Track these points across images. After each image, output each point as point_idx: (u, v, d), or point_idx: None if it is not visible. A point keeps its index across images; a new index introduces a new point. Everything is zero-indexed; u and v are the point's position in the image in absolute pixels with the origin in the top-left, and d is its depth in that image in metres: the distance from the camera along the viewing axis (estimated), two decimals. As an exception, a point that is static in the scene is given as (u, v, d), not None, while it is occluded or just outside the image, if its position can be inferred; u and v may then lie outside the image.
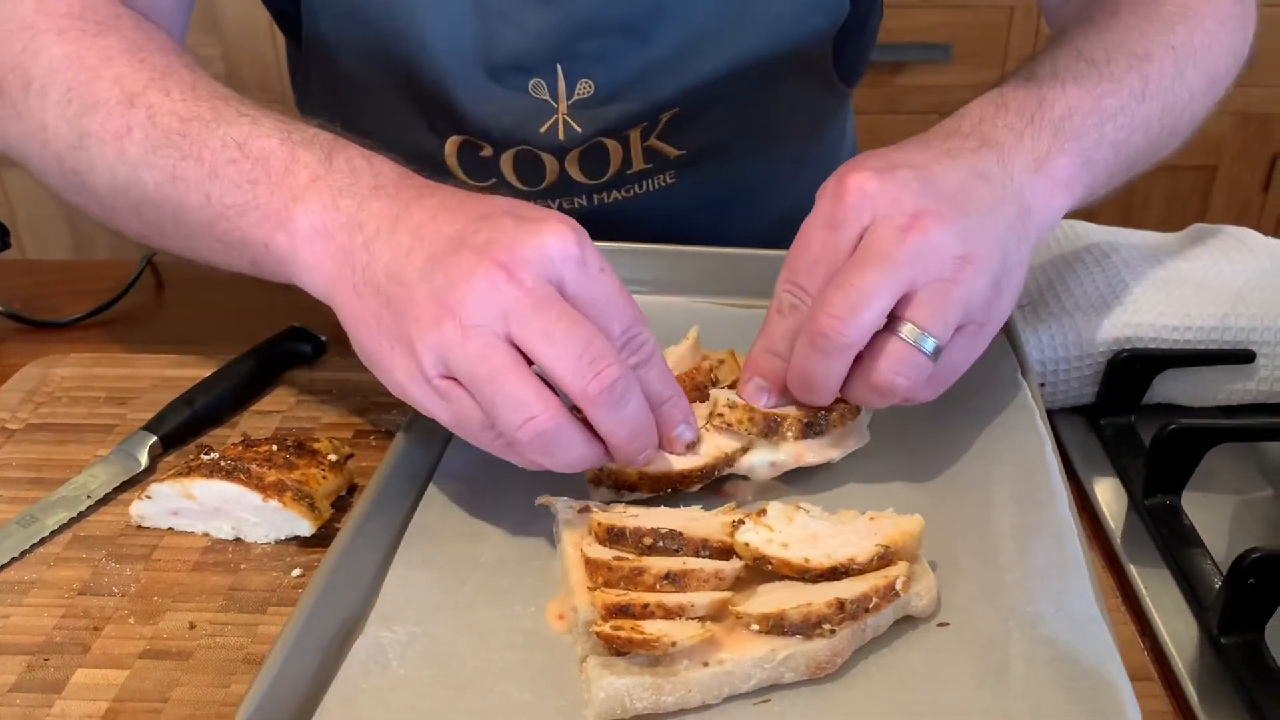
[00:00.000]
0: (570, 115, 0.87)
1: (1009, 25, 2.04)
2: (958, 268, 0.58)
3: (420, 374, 0.55)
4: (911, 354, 0.58)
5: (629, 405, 0.56)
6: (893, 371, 0.59)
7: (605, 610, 0.52)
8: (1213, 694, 0.56)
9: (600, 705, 0.50)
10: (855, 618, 0.53)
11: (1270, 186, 2.12)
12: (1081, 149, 0.67)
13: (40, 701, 0.56)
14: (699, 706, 0.52)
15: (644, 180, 0.93)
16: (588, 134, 0.88)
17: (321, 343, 0.83)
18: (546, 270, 0.55)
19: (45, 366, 0.83)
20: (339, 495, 0.68)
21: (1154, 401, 0.76)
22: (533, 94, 0.87)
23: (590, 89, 0.87)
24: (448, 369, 0.55)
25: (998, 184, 0.63)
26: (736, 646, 0.52)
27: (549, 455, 0.56)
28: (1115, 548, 0.66)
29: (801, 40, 0.90)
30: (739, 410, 0.63)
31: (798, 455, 0.63)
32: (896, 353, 0.58)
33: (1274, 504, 0.70)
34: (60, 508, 0.68)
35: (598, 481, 0.62)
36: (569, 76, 0.86)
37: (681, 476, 0.62)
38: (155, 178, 0.65)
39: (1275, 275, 0.77)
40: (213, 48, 2.16)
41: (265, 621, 0.61)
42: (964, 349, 0.61)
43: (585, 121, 0.88)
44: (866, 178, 0.60)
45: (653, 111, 0.89)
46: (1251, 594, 0.57)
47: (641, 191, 0.93)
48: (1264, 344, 0.75)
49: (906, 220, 0.58)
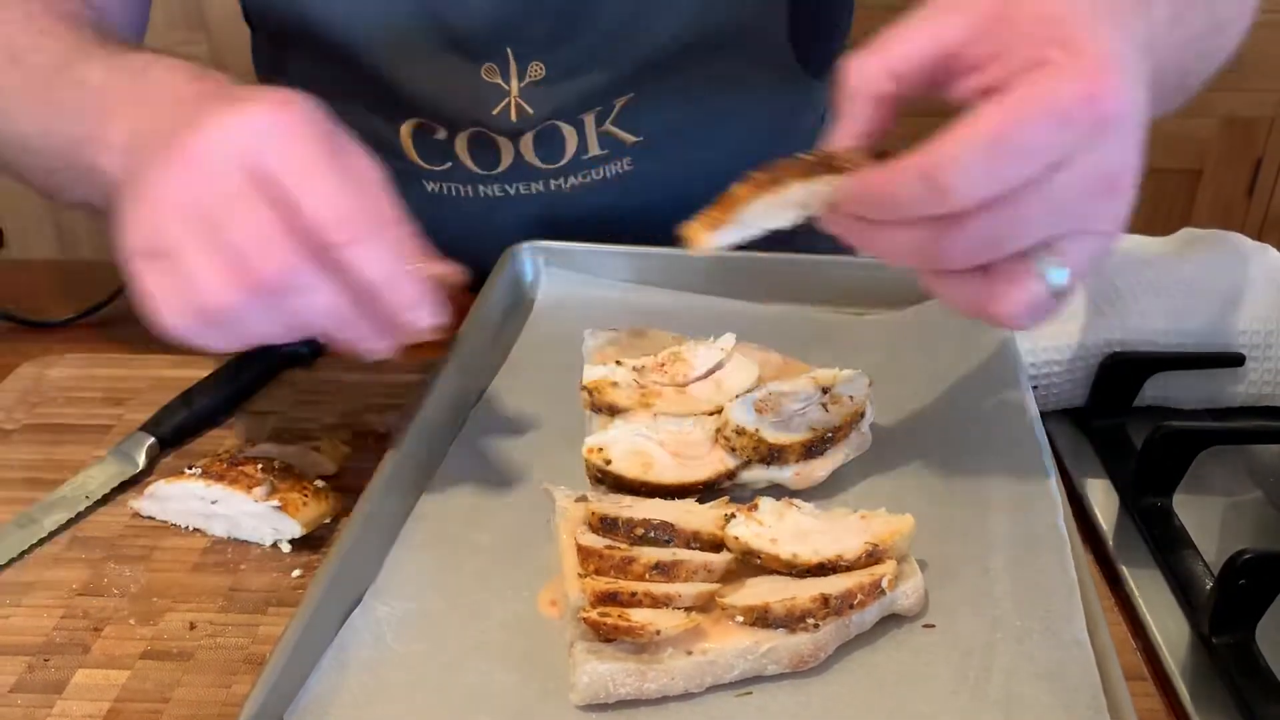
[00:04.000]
0: (522, 97, 0.88)
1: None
2: (1114, 182, 0.50)
3: (125, 253, 0.55)
4: (1042, 294, 0.51)
5: (306, 295, 0.54)
6: (1014, 302, 0.52)
7: (594, 597, 0.53)
8: (1204, 693, 0.57)
9: (583, 689, 0.52)
10: (839, 613, 0.54)
11: (1254, 190, 2.14)
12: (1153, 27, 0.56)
13: (41, 702, 0.56)
14: (681, 694, 0.53)
15: (601, 166, 0.93)
16: (540, 116, 0.89)
17: (319, 344, 0.83)
18: (232, 154, 0.53)
19: (40, 367, 0.83)
20: (322, 523, 0.67)
21: (1145, 404, 0.77)
22: (484, 77, 0.88)
23: (541, 71, 0.88)
24: (146, 245, 0.54)
25: None
26: (721, 637, 0.53)
27: (222, 330, 0.54)
28: (1107, 549, 0.67)
29: (743, 14, 0.90)
30: (746, 438, 0.63)
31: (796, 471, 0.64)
32: (1028, 290, 0.51)
33: (1264, 506, 0.71)
34: (59, 509, 0.68)
35: (599, 481, 0.63)
36: (519, 59, 0.87)
37: (682, 488, 0.63)
38: (26, 128, 0.68)
39: (1264, 279, 0.78)
40: (200, 45, 2.16)
41: (265, 622, 0.61)
42: (1082, 272, 0.52)
43: (537, 103, 0.89)
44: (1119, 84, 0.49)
45: (605, 94, 0.90)
46: (1242, 595, 0.58)
47: (599, 178, 0.94)
48: (1253, 347, 0.76)
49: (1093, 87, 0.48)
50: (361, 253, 0.54)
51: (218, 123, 0.54)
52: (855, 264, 0.83)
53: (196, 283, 0.53)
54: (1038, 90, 0.48)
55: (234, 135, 0.54)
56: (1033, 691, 0.52)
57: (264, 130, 0.54)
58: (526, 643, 0.56)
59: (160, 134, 0.56)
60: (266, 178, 0.53)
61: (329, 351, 0.84)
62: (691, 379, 0.68)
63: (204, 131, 0.54)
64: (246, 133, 0.54)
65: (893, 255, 0.53)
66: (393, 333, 0.57)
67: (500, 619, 0.57)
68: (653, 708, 0.52)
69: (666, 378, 0.68)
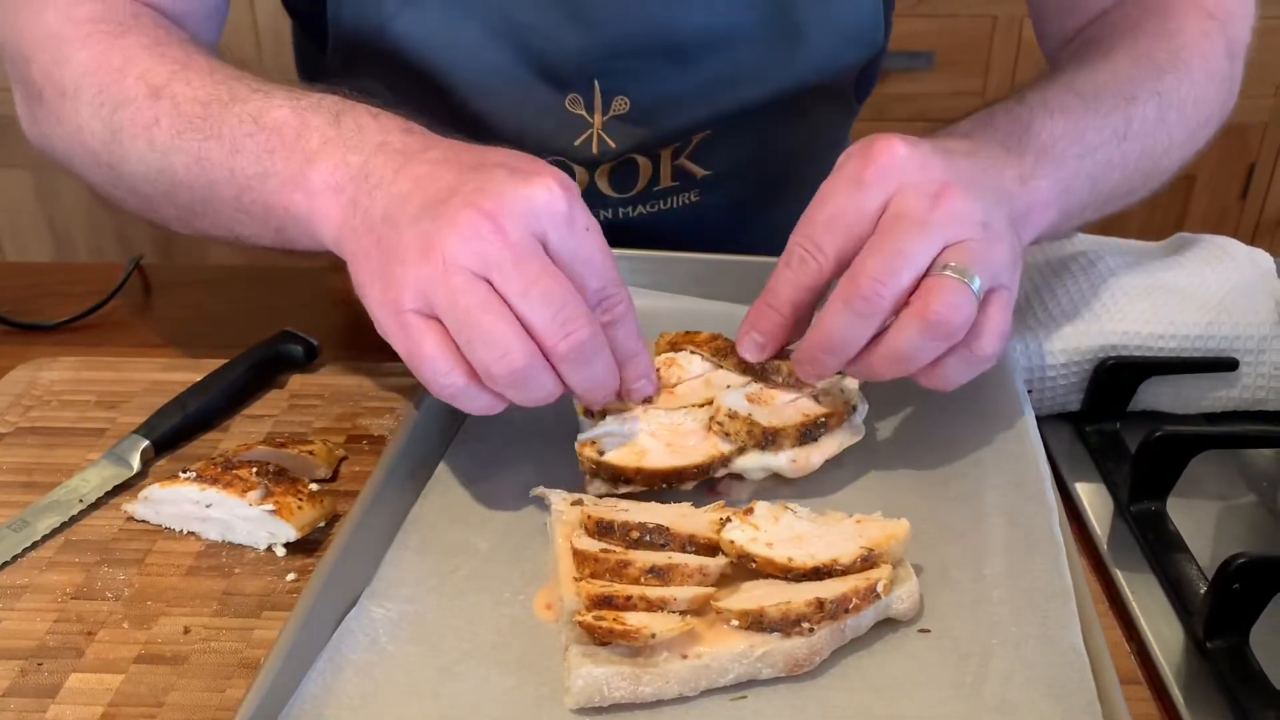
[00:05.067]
0: (605, 130, 0.89)
1: (991, 34, 2.06)
2: (984, 231, 0.60)
3: (395, 306, 0.57)
4: (959, 287, 0.59)
5: (595, 363, 0.59)
6: (945, 301, 0.58)
7: (589, 600, 0.54)
8: (1198, 697, 0.57)
9: (578, 693, 0.52)
10: (835, 617, 0.54)
11: (1248, 195, 2.15)
12: (1060, 176, 0.68)
13: (34, 706, 0.56)
14: (676, 698, 0.53)
15: (670, 197, 0.95)
16: (621, 149, 0.90)
17: (314, 346, 0.83)
18: (531, 224, 0.57)
19: (33, 369, 0.83)
20: (316, 527, 0.66)
21: (1139, 409, 0.77)
22: (569, 108, 0.88)
23: (626, 105, 0.88)
24: (427, 304, 0.57)
25: (997, 180, 0.65)
26: (716, 641, 0.54)
27: (520, 390, 0.58)
28: (1101, 553, 0.67)
29: (837, 73, 0.92)
30: (738, 422, 0.63)
31: (792, 458, 0.64)
32: (945, 287, 0.59)
33: (1257, 510, 0.71)
34: (52, 512, 0.68)
35: (594, 474, 0.63)
36: (605, 93, 0.87)
37: (677, 473, 0.63)
38: (183, 161, 0.69)
39: (1258, 284, 0.79)
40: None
41: (260, 626, 0.61)
42: (1000, 307, 0.62)
43: (619, 137, 0.89)
44: (895, 144, 0.61)
45: (685, 133, 0.90)
46: (1236, 599, 0.58)
47: (666, 207, 0.95)
48: (1246, 352, 0.76)
49: (937, 187, 0.60)
50: (624, 327, 0.61)
51: (516, 194, 0.57)
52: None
53: (495, 346, 0.55)
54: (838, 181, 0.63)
55: (532, 207, 0.57)
56: (1028, 697, 0.53)
57: (556, 206, 0.57)
58: (522, 646, 0.56)
59: (425, 195, 0.58)
60: (556, 251, 0.57)
61: (323, 355, 0.84)
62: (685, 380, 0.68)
63: (504, 201, 0.56)
64: (541, 207, 0.57)
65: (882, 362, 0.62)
66: (615, 395, 0.63)
67: (495, 622, 0.57)
68: (647, 711, 0.52)
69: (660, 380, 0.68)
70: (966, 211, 0.60)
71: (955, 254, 0.59)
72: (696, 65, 0.87)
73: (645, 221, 0.94)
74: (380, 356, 0.85)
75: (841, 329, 0.60)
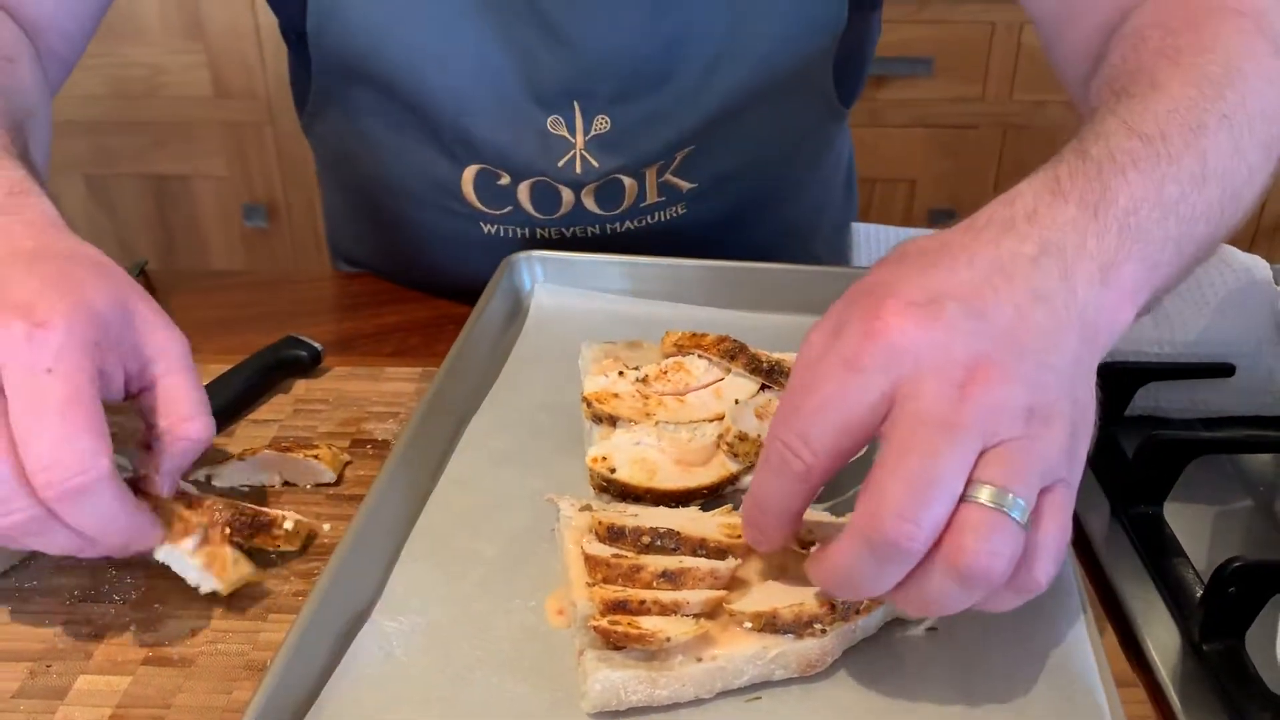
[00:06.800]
0: (588, 151, 0.89)
1: (990, 40, 2.07)
2: (1028, 421, 0.47)
3: None
4: (999, 519, 0.46)
5: (48, 537, 0.55)
6: (981, 549, 0.46)
7: (603, 606, 0.54)
8: (1195, 700, 0.58)
9: (596, 697, 0.52)
10: (846, 618, 0.55)
11: (1245, 201, 2.15)
12: (1147, 253, 0.54)
13: (43, 708, 0.57)
14: (692, 700, 0.53)
15: (656, 211, 0.95)
16: (604, 170, 0.90)
17: (319, 351, 0.84)
18: None
19: (40, 374, 0.83)
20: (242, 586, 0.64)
21: (1136, 413, 0.78)
22: (551, 130, 0.88)
23: (607, 125, 0.88)
24: None
25: (1059, 305, 0.50)
26: (730, 643, 0.54)
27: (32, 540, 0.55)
28: (1098, 557, 0.68)
29: (801, 61, 0.91)
30: (749, 444, 0.64)
31: None
32: (981, 522, 0.46)
33: (1254, 514, 0.72)
34: (59, 515, 0.68)
35: (603, 489, 0.64)
36: (586, 114, 0.88)
37: (687, 494, 0.63)
38: None
39: (1253, 290, 0.79)
40: (198, 54, 2.16)
41: (266, 629, 0.61)
42: (1055, 515, 0.48)
43: (602, 158, 0.90)
44: (905, 318, 0.48)
45: (669, 149, 0.91)
46: (1232, 602, 0.59)
47: (654, 221, 0.95)
48: (1243, 357, 0.77)
49: (962, 374, 0.47)
50: (79, 505, 0.53)
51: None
52: (852, 273, 0.84)
53: None
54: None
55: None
56: (1039, 690, 0.53)
57: (10, 350, 0.53)
58: (534, 652, 0.56)
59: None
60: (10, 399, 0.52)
61: (327, 360, 0.84)
62: (693, 388, 0.69)
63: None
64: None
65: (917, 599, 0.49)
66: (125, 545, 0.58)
67: (507, 629, 0.57)
68: (664, 714, 0.53)
69: (669, 386, 0.69)
70: (1005, 399, 0.47)
71: (992, 466, 0.46)
72: (670, 78, 0.87)
73: (633, 235, 0.95)
74: (385, 361, 0.86)
75: (863, 574, 0.48)
